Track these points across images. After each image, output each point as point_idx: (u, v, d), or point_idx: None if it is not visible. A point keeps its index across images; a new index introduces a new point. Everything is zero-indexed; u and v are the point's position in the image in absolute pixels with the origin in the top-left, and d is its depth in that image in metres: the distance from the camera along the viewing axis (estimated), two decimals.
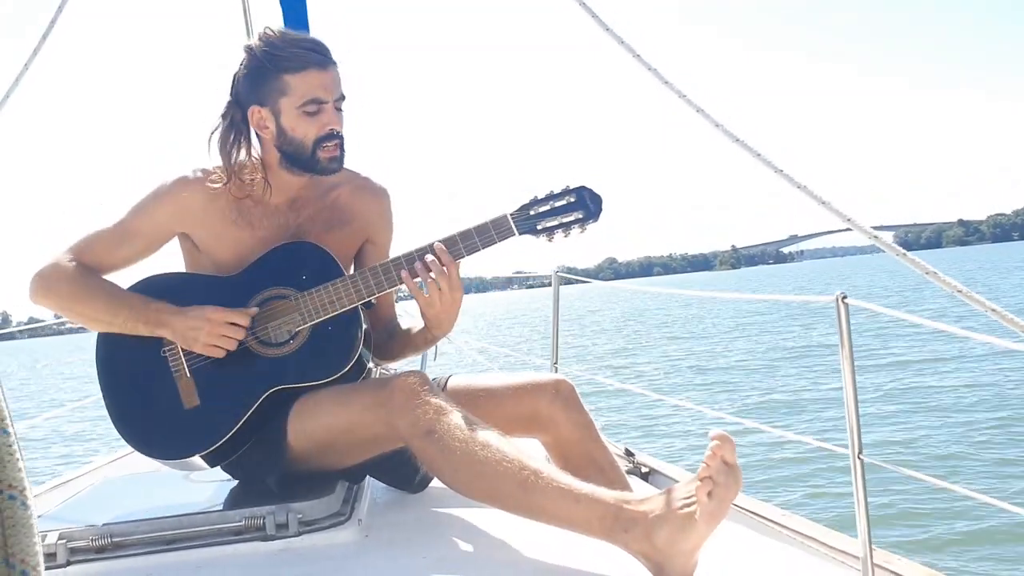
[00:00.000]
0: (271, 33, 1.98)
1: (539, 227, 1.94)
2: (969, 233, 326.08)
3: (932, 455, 7.55)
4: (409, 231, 2.24)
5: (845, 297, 2.14)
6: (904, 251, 1.96)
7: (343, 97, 2.00)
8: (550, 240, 1.96)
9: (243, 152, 2.03)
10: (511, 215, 1.95)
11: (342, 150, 2.02)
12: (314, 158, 1.99)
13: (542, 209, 1.95)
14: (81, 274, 1.99)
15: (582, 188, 1.97)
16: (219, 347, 1.93)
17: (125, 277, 2.08)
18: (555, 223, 1.94)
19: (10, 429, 0.64)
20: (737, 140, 2.15)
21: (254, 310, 1.96)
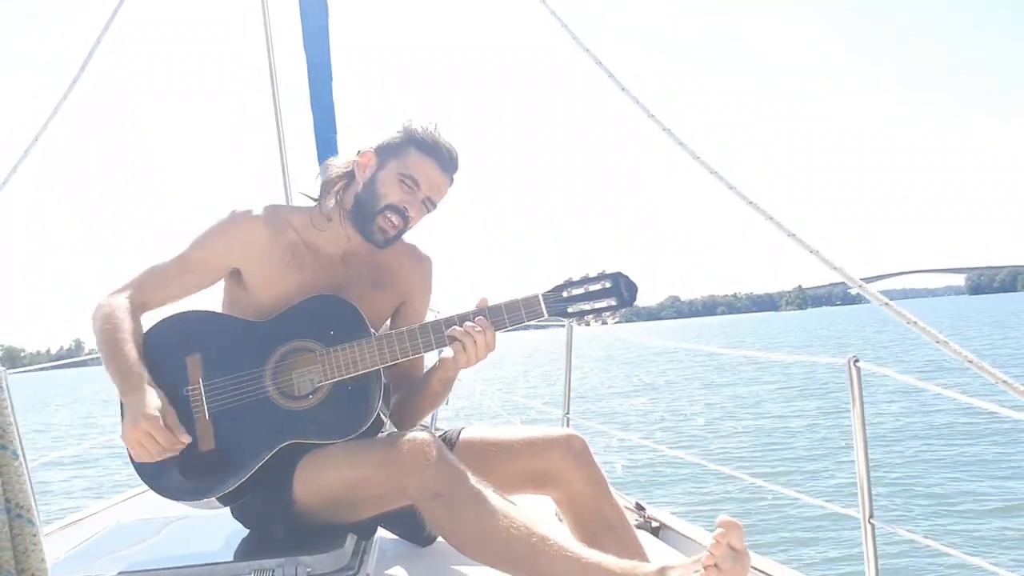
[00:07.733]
0: (431, 127, 2.10)
1: (570, 309, 1.94)
2: None
3: (946, 519, 7.37)
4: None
5: (857, 360, 2.15)
6: (915, 319, 1.96)
7: (434, 204, 2.12)
8: (578, 324, 1.97)
9: (335, 199, 2.14)
10: (543, 295, 1.94)
11: (399, 233, 2.10)
12: (373, 220, 2.06)
13: (575, 292, 1.94)
14: (117, 326, 2.03)
15: (618, 275, 1.94)
16: (142, 447, 1.90)
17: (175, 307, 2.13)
18: (587, 307, 1.93)
19: (36, 520, 0.71)
20: (751, 203, 2.20)
21: (186, 438, 1.93)
